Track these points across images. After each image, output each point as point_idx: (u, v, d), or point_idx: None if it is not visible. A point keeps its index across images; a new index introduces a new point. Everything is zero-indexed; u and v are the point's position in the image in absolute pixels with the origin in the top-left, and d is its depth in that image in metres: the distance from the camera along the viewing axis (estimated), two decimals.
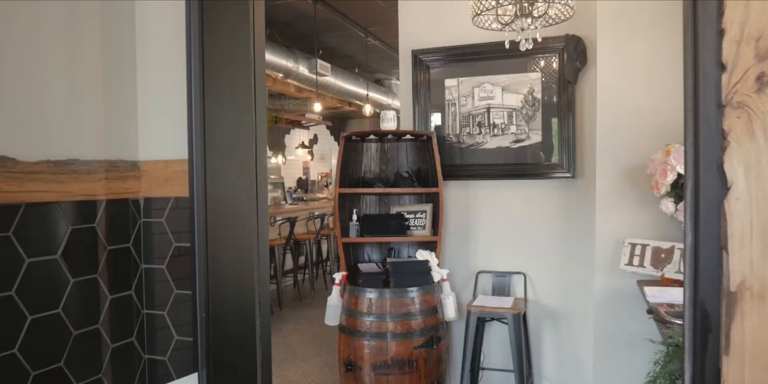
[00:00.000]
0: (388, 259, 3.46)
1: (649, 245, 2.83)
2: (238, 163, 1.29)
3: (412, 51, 3.70)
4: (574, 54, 3.33)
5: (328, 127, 14.43)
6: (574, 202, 3.42)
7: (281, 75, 6.96)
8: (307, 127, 12.95)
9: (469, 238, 3.65)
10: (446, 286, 3.35)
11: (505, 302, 3.32)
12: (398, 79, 3.86)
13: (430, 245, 3.48)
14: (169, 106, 1.67)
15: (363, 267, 3.39)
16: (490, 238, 3.61)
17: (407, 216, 3.57)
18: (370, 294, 3.14)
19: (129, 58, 1.74)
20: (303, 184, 14.72)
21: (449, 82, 3.67)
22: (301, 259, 7.59)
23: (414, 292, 3.16)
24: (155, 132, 1.74)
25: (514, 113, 3.54)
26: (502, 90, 3.55)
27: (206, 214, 1.34)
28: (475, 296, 3.50)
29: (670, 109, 2.90)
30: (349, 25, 7.20)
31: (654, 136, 2.90)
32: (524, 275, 3.52)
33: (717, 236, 0.98)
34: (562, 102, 3.41)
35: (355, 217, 3.51)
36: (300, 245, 7.24)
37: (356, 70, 9.55)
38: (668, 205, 2.69)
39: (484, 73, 3.59)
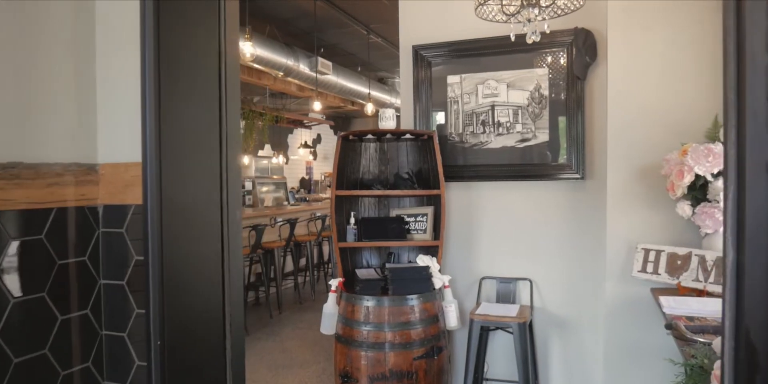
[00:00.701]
0: (387, 265, 3.30)
1: (664, 251, 2.66)
2: (201, 166, 1.12)
3: (413, 46, 3.53)
4: (584, 48, 3.16)
5: (331, 127, 14.29)
6: (584, 204, 3.25)
7: (281, 73, 6.81)
8: (309, 127, 12.81)
9: (472, 242, 3.49)
10: (448, 293, 3.19)
11: (510, 310, 3.15)
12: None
13: (432, 250, 3.32)
14: (132, 105, 1.50)
15: (361, 273, 3.23)
16: (495, 243, 3.44)
17: (407, 219, 3.41)
18: (368, 302, 2.98)
19: (88, 55, 1.58)
20: (306, 184, 14.60)
21: (452, 79, 3.50)
22: (302, 261, 7.45)
23: (414, 300, 3.00)
24: (116, 133, 1.57)
25: (519, 111, 3.37)
26: (508, 87, 3.39)
27: (161, 223, 1.17)
28: (478, 303, 3.33)
29: (684, 107, 2.72)
30: (350, 23, 7.05)
31: (668, 134, 2.73)
32: (530, 281, 3.35)
33: (766, 253, 0.81)
34: (570, 99, 3.24)
35: (353, 220, 3.35)
36: (301, 247, 7.09)
37: (359, 69, 9.39)
38: (684, 209, 2.52)
39: (488, 69, 3.42)
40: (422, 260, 3.23)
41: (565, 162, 3.27)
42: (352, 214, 3.37)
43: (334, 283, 3.18)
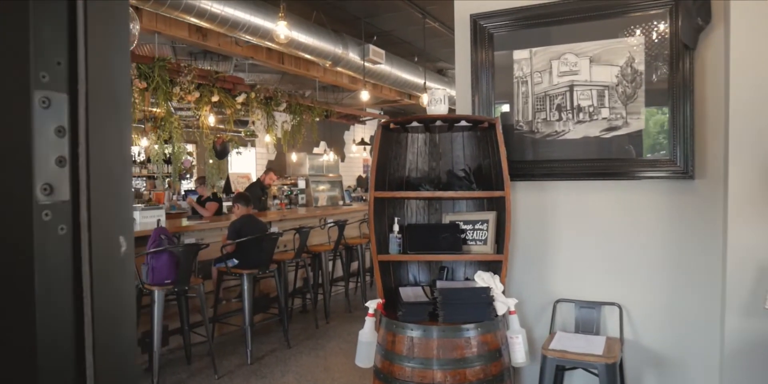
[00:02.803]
0: (438, 284, 2.69)
1: None
2: None
3: (471, 16, 2.89)
4: (694, 7, 2.43)
5: None
6: (693, 210, 2.52)
7: (329, 62, 6.30)
8: (364, 122, 12.31)
9: (544, 256, 2.82)
10: (514, 320, 2.54)
11: (593, 344, 2.47)
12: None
13: (493, 266, 2.68)
14: None
15: (405, 293, 2.64)
16: (573, 257, 2.76)
17: (464, 227, 2.79)
18: (413, 331, 2.39)
19: None
20: (363, 182, 14.15)
21: (519, 54, 2.84)
22: (354, 265, 6.95)
23: (471, 331, 2.38)
24: None
25: (606, 92, 2.67)
26: (590, 62, 2.69)
27: None
28: (552, 333, 2.67)
29: None
30: (404, 4, 6.43)
31: None
32: (619, 307, 2.65)
33: None
34: (675, 74, 2.51)
35: (396, 227, 2.76)
36: (351, 250, 6.57)
37: (415, 59, 8.77)
38: None
39: (565, 41, 2.74)
40: (482, 278, 2.60)
41: (666, 156, 2.55)
42: (396, 220, 2.78)
43: (372, 304, 2.60)
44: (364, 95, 6.79)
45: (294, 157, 10.61)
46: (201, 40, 5.00)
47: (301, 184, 9.45)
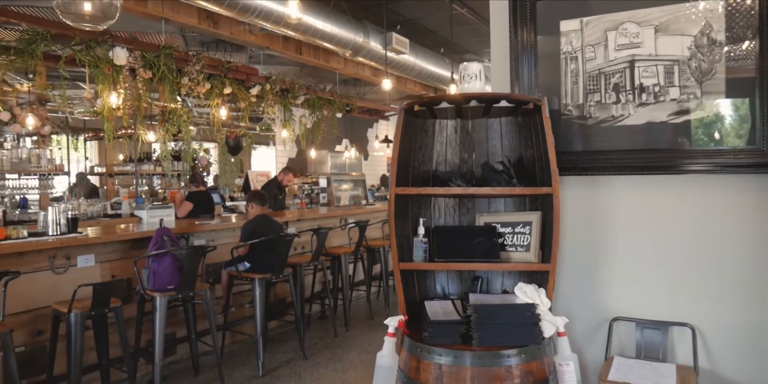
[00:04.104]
0: (471, 298, 2.25)
1: None
2: None
3: None
4: None
5: None
6: None
7: (350, 51, 5.90)
8: (387, 118, 11.87)
9: (598, 265, 2.37)
10: (564, 344, 2.10)
11: (662, 375, 2.02)
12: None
13: (537, 276, 2.24)
14: None
15: (432, 309, 2.22)
16: (634, 268, 2.31)
17: (501, 230, 2.36)
18: (441, 357, 1.97)
19: None
20: (387, 181, 13.73)
21: (567, 25, 2.40)
22: (377, 268, 6.55)
23: (513, 357, 1.95)
24: None
25: (675, 68, 2.21)
26: (656, 32, 2.24)
27: None
28: (608, 359, 2.22)
29: None
30: None
31: None
32: (692, 328, 2.19)
33: None
34: (765, 45, 2.04)
35: (421, 230, 2.34)
36: (373, 252, 6.16)
37: (441, 51, 8.32)
38: None
39: (623, 8, 2.29)
40: (524, 292, 2.16)
41: (752, 145, 2.08)
42: (421, 221, 2.35)
43: (393, 322, 2.19)
44: (386, 84, 6.36)
45: (315, 154, 10.24)
46: (212, 28, 4.65)
47: (323, 182, 9.09)
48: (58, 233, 3.59)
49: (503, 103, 2.10)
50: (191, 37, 6.22)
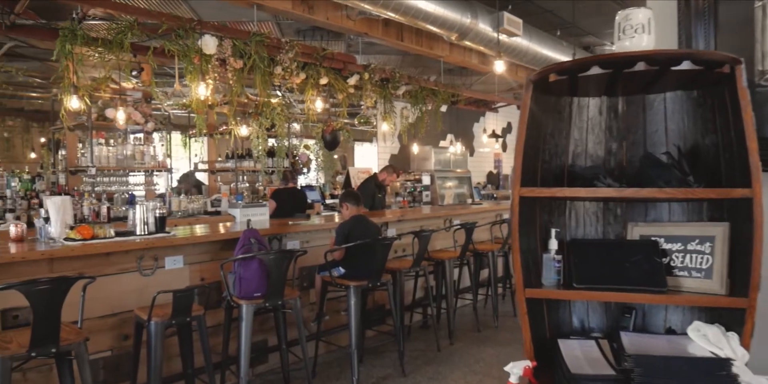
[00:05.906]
0: (624, 339, 1.64)
1: None
2: None
3: None
4: None
5: None
6: None
7: (455, 35, 5.33)
8: (496, 110, 11.09)
9: None
10: None
11: None
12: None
13: (724, 315, 1.58)
14: None
15: (569, 351, 1.63)
16: None
17: (667, 247, 1.72)
18: None
19: None
20: (494, 178, 12.95)
21: None
22: (485, 274, 5.95)
23: None
24: None
25: None
26: None
27: None
28: None
29: None
30: None
31: None
32: None
33: None
34: None
35: (554, 244, 1.76)
36: (481, 257, 5.57)
37: (558, 33, 7.48)
38: None
39: None
40: (703, 336, 1.52)
41: None
42: (553, 232, 1.77)
43: (516, 370, 1.63)
44: (499, 66, 5.68)
45: (417, 150, 9.78)
46: (307, 13, 4.32)
47: (426, 180, 8.61)
48: (146, 233, 3.40)
49: (684, 65, 1.46)
50: (286, 24, 5.95)
